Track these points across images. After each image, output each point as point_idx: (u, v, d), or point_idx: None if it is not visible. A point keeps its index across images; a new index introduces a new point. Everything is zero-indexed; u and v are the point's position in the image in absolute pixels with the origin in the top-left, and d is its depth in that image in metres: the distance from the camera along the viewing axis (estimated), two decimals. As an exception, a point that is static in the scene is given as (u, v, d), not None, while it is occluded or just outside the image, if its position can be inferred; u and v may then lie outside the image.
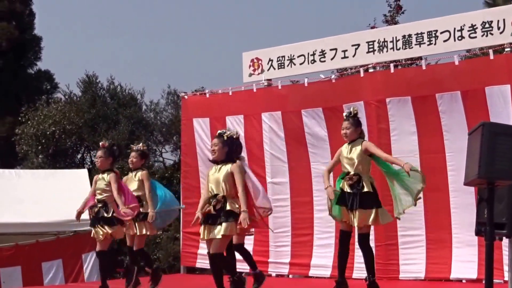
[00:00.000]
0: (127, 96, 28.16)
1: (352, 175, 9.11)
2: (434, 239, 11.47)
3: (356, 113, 9.36)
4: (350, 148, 9.23)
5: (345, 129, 9.29)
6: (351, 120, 9.29)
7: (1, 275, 14.93)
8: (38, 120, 25.48)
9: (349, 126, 9.26)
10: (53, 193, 16.49)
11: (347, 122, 9.29)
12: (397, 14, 19.50)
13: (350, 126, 9.26)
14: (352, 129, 9.25)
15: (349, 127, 9.26)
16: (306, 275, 12.84)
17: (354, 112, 9.34)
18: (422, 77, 11.64)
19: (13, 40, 32.26)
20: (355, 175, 9.09)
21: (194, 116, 14.37)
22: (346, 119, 9.33)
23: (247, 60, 13.99)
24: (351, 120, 9.29)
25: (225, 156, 8.93)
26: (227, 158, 8.93)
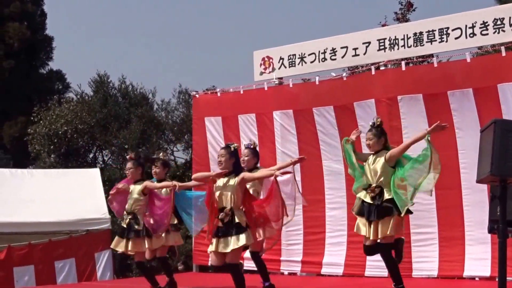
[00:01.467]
0: (138, 95, 28.20)
1: (374, 187, 8.98)
2: (446, 236, 11.44)
3: (380, 123, 9.19)
4: (374, 158, 9.10)
5: (368, 140, 9.12)
6: (374, 131, 9.10)
7: (15, 274, 14.97)
8: (50, 120, 25.55)
9: (371, 137, 9.08)
10: (66, 192, 16.53)
11: (370, 133, 9.10)
12: (408, 12, 19.45)
13: (373, 137, 9.07)
14: (375, 140, 9.07)
15: (371, 138, 9.08)
16: (318, 273, 12.83)
17: (378, 123, 9.18)
18: (434, 74, 11.62)
19: (25, 41, 32.37)
20: (377, 187, 8.98)
21: (205, 115, 14.38)
22: (370, 130, 9.17)
23: (258, 59, 13.99)
24: (374, 131, 9.10)
25: (232, 168, 8.87)
26: (234, 169, 8.86)
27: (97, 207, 16.15)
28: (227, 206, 8.66)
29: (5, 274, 14.88)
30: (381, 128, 9.18)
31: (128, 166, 10.67)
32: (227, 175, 8.84)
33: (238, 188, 8.74)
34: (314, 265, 12.85)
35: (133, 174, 10.57)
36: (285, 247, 13.17)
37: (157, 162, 11.09)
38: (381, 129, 9.16)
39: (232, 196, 8.70)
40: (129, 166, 10.64)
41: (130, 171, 10.58)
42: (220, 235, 8.71)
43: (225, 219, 8.65)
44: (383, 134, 9.14)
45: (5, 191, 16.27)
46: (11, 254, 15.06)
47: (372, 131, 9.12)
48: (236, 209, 8.68)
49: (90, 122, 25.78)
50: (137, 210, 10.41)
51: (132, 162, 10.61)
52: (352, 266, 12.30)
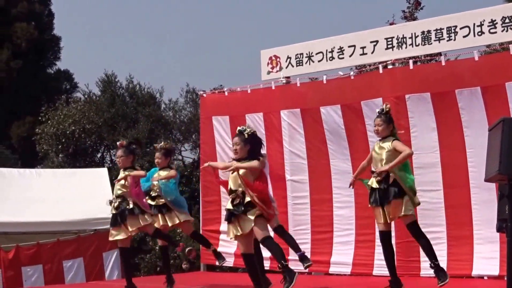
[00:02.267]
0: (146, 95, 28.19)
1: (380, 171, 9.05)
2: (455, 235, 11.42)
3: (388, 110, 9.28)
4: (380, 144, 9.18)
5: (377, 126, 9.24)
6: (383, 117, 9.23)
7: (23, 273, 15.01)
8: (58, 119, 25.57)
9: (381, 123, 9.21)
10: (74, 192, 16.56)
11: (379, 119, 9.23)
12: (416, 10, 19.38)
13: (382, 123, 9.21)
14: (384, 126, 9.19)
15: (381, 123, 9.21)
16: (326, 272, 12.82)
17: (386, 109, 9.27)
18: (442, 73, 11.59)
19: (33, 41, 32.45)
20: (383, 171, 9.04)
21: (213, 114, 14.38)
22: (379, 116, 9.27)
23: (265, 58, 13.99)
24: (383, 117, 9.23)
25: (248, 154, 8.98)
26: (250, 156, 8.98)
27: (105, 206, 16.10)
28: (238, 188, 8.78)
29: (14, 273, 14.93)
30: (390, 114, 9.30)
31: (118, 153, 10.62)
32: (241, 160, 8.98)
33: (247, 171, 8.88)
34: (322, 264, 12.83)
35: (123, 162, 10.54)
36: (293, 246, 13.14)
37: (159, 150, 11.09)
38: (389, 115, 9.31)
39: (242, 179, 8.84)
40: (119, 154, 10.58)
41: (121, 159, 10.54)
42: (233, 219, 8.83)
43: (235, 199, 8.76)
44: (391, 121, 9.27)
45: (13, 191, 16.31)
46: (20, 254, 15.09)
47: (381, 117, 9.24)
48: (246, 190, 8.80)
49: (98, 122, 25.79)
50: (124, 193, 10.40)
51: (123, 150, 10.57)
52: (360, 265, 12.29)
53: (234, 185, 8.95)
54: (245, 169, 8.91)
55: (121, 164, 10.60)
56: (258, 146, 9.17)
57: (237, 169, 8.91)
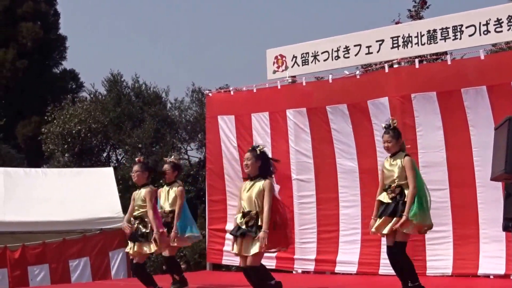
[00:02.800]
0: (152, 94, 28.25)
1: (394, 187, 8.95)
2: (461, 234, 11.41)
3: (395, 125, 9.18)
4: (391, 161, 9.07)
5: (386, 143, 9.08)
6: (391, 133, 9.06)
7: (29, 272, 15.03)
8: (64, 119, 25.63)
9: (390, 140, 9.04)
10: (80, 191, 16.58)
11: (387, 136, 9.07)
12: (422, 9, 19.37)
13: (391, 140, 9.03)
14: (394, 142, 9.04)
15: (390, 140, 9.04)
16: (332, 271, 12.82)
17: (393, 125, 9.14)
18: (447, 72, 11.58)
19: (38, 40, 32.51)
20: (397, 187, 8.94)
21: (219, 114, 14.38)
22: (386, 132, 9.11)
23: (271, 57, 13.99)
24: (391, 133, 9.06)
25: (258, 171, 8.92)
26: (260, 172, 8.91)
27: (110, 206, 16.19)
28: (252, 210, 8.70)
29: (20, 273, 14.95)
30: (397, 129, 9.16)
31: (135, 168, 10.52)
32: (252, 179, 8.90)
33: (262, 193, 8.77)
34: (328, 263, 12.84)
35: (139, 178, 10.46)
36: (299, 245, 13.15)
37: (168, 163, 11.09)
38: (397, 130, 9.14)
39: (256, 201, 8.75)
40: (136, 169, 10.50)
41: (137, 174, 10.46)
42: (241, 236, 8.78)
43: (249, 222, 8.70)
44: (400, 136, 9.13)
45: (20, 190, 16.33)
46: (26, 253, 15.12)
47: (389, 133, 9.06)
48: (261, 214, 8.71)
49: (104, 121, 25.84)
50: (143, 214, 10.34)
51: (140, 165, 10.48)
52: (366, 264, 12.28)
53: (249, 206, 8.81)
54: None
55: (136, 179, 10.51)
56: (269, 164, 9.09)
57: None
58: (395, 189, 8.93)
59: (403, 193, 8.89)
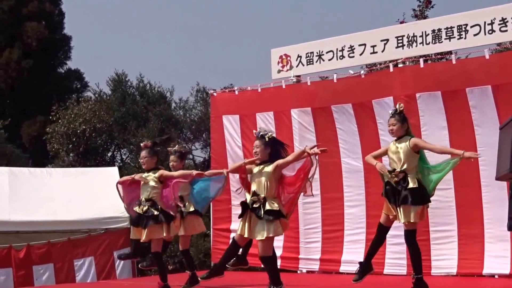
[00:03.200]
0: (156, 94, 28.26)
1: (398, 172, 8.98)
2: (466, 234, 11.41)
3: (402, 109, 9.22)
4: (397, 145, 9.13)
5: (391, 126, 9.16)
6: (397, 117, 9.14)
7: (34, 272, 15.04)
8: (69, 118, 25.63)
9: (395, 123, 9.12)
10: (84, 191, 16.58)
11: (393, 119, 9.15)
12: (427, 9, 19.35)
13: (396, 123, 9.12)
14: (399, 125, 9.11)
15: (395, 123, 9.12)
16: (336, 271, 12.82)
17: (400, 109, 9.19)
18: (452, 71, 11.58)
19: (43, 40, 32.51)
20: (401, 172, 8.97)
21: (223, 113, 14.39)
22: (392, 116, 9.18)
23: (276, 57, 14.00)
24: (397, 117, 9.14)
25: (268, 157, 8.97)
26: (270, 159, 8.97)
27: (115, 205, 16.12)
28: (261, 194, 8.75)
29: (25, 272, 14.96)
30: (403, 114, 9.21)
31: (143, 154, 10.53)
32: (262, 163, 8.98)
33: (272, 176, 8.86)
34: (332, 263, 12.84)
35: (148, 163, 10.46)
36: (303, 245, 13.17)
37: (173, 153, 11.07)
38: (403, 115, 9.20)
39: (266, 183, 8.83)
40: (144, 155, 10.50)
41: (145, 160, 10.47)
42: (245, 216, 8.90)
43: (255, 203, 8.74)
44: (406, 120, 9.19)
45: (24, 190, 16.34)
46: (31, 253, 15.13)
47: (395, 117, 9.16)
48: (269, 197, 8.76)
49: (108, 121, 25.85)
50: (155, 197, 10.34)
51: (147, 151, 10.49)
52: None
53: (258, 189, 8.89)
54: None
55: (145, 166, 10.51)
56: (279, 149, 9.17)
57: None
58: (399, 174, 8.99)
59: (406, 179, 8.95)
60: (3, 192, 16.11)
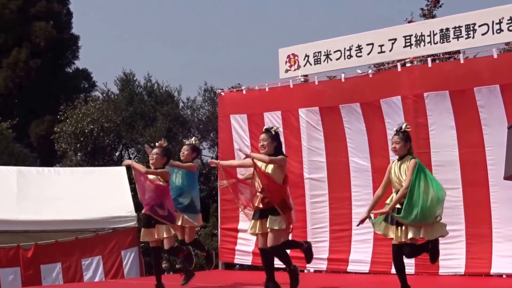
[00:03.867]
0: (164, 93, 28.35)
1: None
2: (474, 234, 11.38)
3: (408, 129, 9.20)
4: (399, 165, 9.08)
5: (394, 144, 9.14)
6: (401, 135, 9.09)
7: (42, 271, 15.07)
8: (77, 118, 25.73)
9: (398, 141, 9.08)
10: (92, 190, 16.61)
11: (397, 137, 9.11)
12: (435, 8, 19.37)
13: (399, 141, 9.07)
14: (402, 144, 9.07)
15: (398, 141, 9.08)
16: (344, 270, 12.81)
17: (405, 128, 9.19)
18: (460, 71, 11.55)
19: (51, 40, 32.62)
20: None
21: (231, 113, 14.39)
22: (396, 134, 9.17)
23: (283, 56, 13.98)
24: (400, 135, 9.09)
25: (274, 151, 9.12)
26: (276, 152, 9.14)
27: (123, 205, 16.22)
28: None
29: (33, 271, 14.99)
30: (408, 133, 9.18)
31: (155, 151, 10.54)
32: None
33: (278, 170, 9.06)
34: (340, 263, 12.82)
35: (157, 160, 10.47)
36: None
37: (188, 144, 11.19)
38: (407, 134, 9.17)
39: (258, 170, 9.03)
40: (156, 152, 10.52)
41: (155, 156, 10.47)
42: (257, 217, 9.12)
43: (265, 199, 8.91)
44: (409, 139, 9.16)
45: (32, 189, 16.38)
46: (38, 252, 15.16)
47: (399, 135, 9.11)
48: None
49: (116, 121, 25.93)
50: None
51: (161, 150, 10.54)
52: (378, 263, 12.26)
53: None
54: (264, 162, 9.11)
55: (153, 162, 10.53)
56: (281, 145, 9.43)
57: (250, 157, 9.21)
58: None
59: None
60: (11, 192, 16.16)
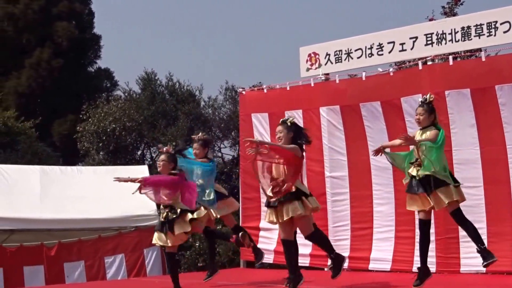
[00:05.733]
0: (185, 92, 28.39)
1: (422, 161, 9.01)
2: (495, 232, 11.35)
3: (432, 100, 9.24)
4: (421, 134, 9.15)
5: (418, 115, 9.21)
6: (425, 107, 9.17)
7: (65, 269, 15.19)
8: (99, 117, 25.83)
9: (422, 112, 9.16)
10: (115, 189, 16.62)
11: (421, 108, 9.19)
12: (456, 6, 19.30)
13: (423, 113, 9.15)
14: (426, 115, 9.14)
15: (422, 113, 9.16)
16: (365, 269, 12.81)
17: (429, 99, 9.23)
18: (482, 69, 11.53)
19: (73, 40, 32.78)
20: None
21: (252, 112, 14.42)
22: (421, 105, 9.23)
23: (304, 55, 14.00)
24: (425, 107, 9.18)
25: (291, 142, 9.10)
26: (293, 143, 9.14)
27: (145, 203, 16.15)
28: (280, 177, 8.86)
29: (56, 269, 15.12)
30: (432, 104, 9.23)
31: (161, 158, 10.57)
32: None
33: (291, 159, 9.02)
34: (361, 261, 12.83)
35: (164, 167, 10.50)
36: (332, 242, 13.03)
37: (197, 141, 11.18)
38: (431, 105, 9.23)
39: (284, 167, 8.93)
40: (162, 158, 10.54)
41: (162, 163, 10.51)
42: (272, 205, 9.06)
43: (275, 188, 8.86)
44: (433, 111, 9.20)
45: (55, 188, 16.49)
46: (62, 250, 15.28)
47: (423, 107, 9.19)
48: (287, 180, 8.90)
49: (138, 120, 26.01)
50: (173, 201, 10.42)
51: (167, 156, 10.53)
52: (400, 261, 12.26)
53: (277, 173, 9.10)
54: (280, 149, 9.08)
55: (161, 169, 10.59)
56: (300, 133, 9.34)
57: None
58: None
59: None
60: (35, 191, 16.28)
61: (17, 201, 15.73)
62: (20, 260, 14.90)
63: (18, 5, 33.04)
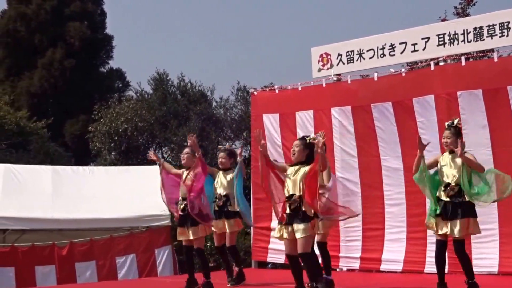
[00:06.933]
0: (197, 93, 28.44)
1: (454, 185, 9.05)
2: (507, 233, 11.32)
3: (458, 124, 9.31)
4: (451, 158, 9.17)
5: (445, 138, 9.29)
6: (453, 130, 9.27)
7: (77, 269, 15.23)
8: (111, 117, 25.90)
9: (450, 136, 9.23)
10: (126, 189, 16.72)
11: (448, 132, 9.28)
12: (468, 6, 19.27)
13: (451, 136, 9.22)
14: (453, 139, 9.19)
15: (450, 136, 9.23)
16: (377, 269, 12.79)
17: (456, 123, 9.30)
18: (494, 69, 11.50)
19: (86, 40, 32.89)
20: (456, 186, 9.04)
21: (263, 112, 14.41)
22: (448, 129, 9.31)
23: (316, 55, 13.99)
24: (452, 130, 9.27)
25: (305, 159, 8.98)
26: (306, 160, 8.97)
27: (157, 203, 16.20)
28: (296, 193, 8.78)
29: (67, 269, 15.15)
30: (459, 128, 9.27)
31: (186, 150, 10.60)
32: (298, 164, 8.98)
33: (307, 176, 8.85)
34: (373, 262, 12.81)
35: (188, 160, 10.50)
36: (344, 243, 13.16)
37: (223, 151, 11.17)
38: (459, 128, 9.31)
39: (301, 184, 8.80)
40: (187, 151, 10.57)
41: (186, 156, 10.52)
42: (286, 222, 8.86)
43: (292, 205, 8.77)
44: (460, 134, 9.23)
45: (67, 188, 16.54)
46: (73, 250, 15.32)
47: (450, 130, 9.29)
48: (304, 197, 8.79)
49: (150, 120, 26.07)
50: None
51: (191, 149, 10.57)
52: (411, 262, 12.24)
53: (293, 189, 8.89)
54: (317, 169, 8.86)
55: (185, 162, 10.59)
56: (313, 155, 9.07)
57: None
58: (454, 187, 9.05)
59: (461, 192, 9.00)
60: (47, 190, 16.34)
61: (29, 201, 15.79)
62: (32, 260, 14.95)
63: (31, 6, 33.18)
